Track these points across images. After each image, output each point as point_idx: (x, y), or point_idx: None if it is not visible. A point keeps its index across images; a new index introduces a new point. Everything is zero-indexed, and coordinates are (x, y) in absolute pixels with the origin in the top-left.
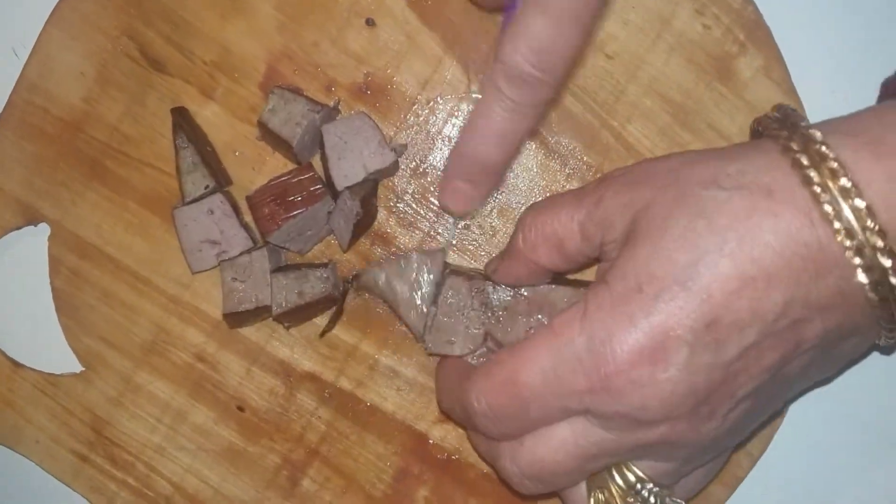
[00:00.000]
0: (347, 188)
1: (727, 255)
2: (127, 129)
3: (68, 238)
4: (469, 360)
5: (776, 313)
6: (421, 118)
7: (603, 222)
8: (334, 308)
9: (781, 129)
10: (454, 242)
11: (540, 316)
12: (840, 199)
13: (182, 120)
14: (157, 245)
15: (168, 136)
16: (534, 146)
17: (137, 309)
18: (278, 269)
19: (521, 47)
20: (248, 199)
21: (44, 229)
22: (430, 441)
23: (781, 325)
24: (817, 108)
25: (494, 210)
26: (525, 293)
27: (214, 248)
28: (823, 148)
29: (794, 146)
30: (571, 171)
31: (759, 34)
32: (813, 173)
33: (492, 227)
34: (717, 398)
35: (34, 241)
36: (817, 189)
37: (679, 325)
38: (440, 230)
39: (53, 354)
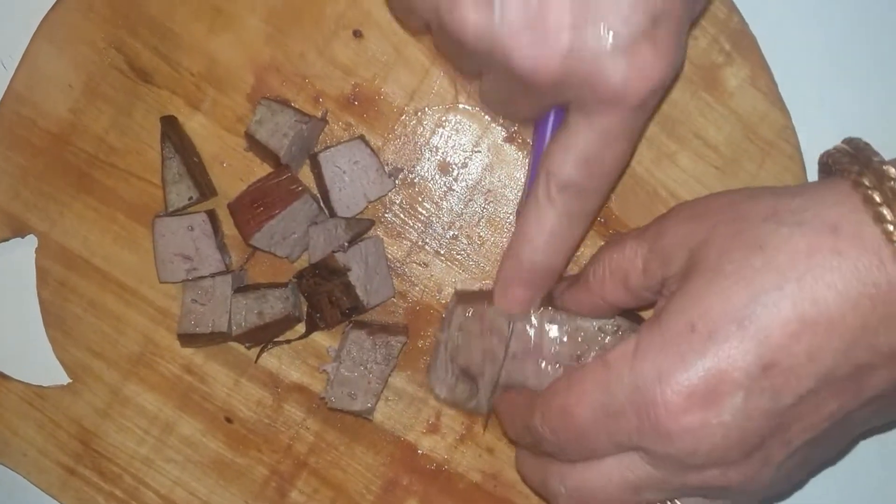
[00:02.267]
0: (345, 219)
1: (787, 296)
2: (114, 141)
3: (56, 249)
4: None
5: (838, 359)
6: (409, 129)
7: (663, 256)
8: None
9: (853, 163)
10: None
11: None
12: None
13: (170, 129)
14: (145, 256)
15: (155, 147)
16: (521, 156)
17: (125, 320)
18: (238, 290)
19: (570, 159)
20: (229, 206)
21: (31, 241)
22: (420, 451)
23: (843, 372)
24: (804, 117)
25: (483, 220)
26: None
27: (186, 263)
28: None
29: (867, 182)
30: None
31: (744, 43)
32: (886, 211)
33: (480, 237)
34: (772, 446)
35: (21, 253)
36: (890, 227)
37: (734, 367)
38: (428, 240)
39: (41, 366)
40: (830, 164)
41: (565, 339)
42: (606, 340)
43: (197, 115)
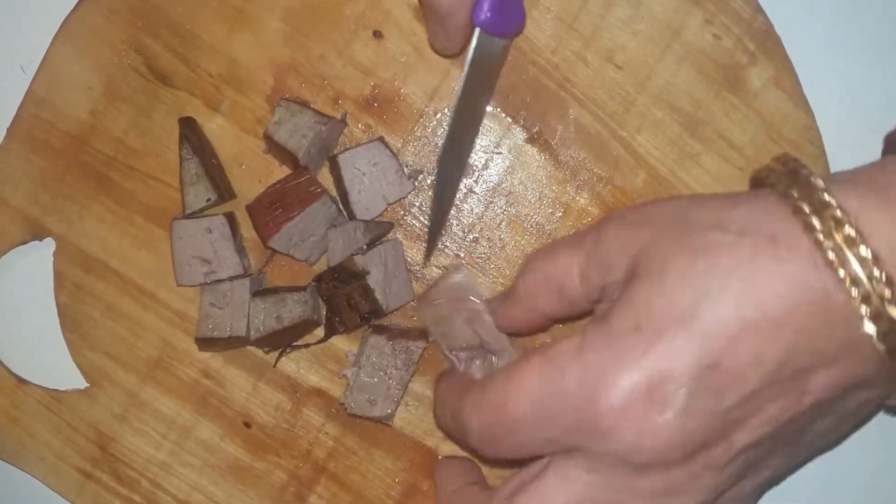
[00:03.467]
0: (364, 221)
1: (731, 298)
2: (133, 143)
3: (73, 253)
4: (472, 372)
5: (779, 360)
6: (429, 130)
7: (602, 264)
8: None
9: (782, 176)
10: None
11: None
12: (844, 248)
13: (189, 131)
14: (163, 259)
15: (174, 149)
16: (543, 158)
17: (143, 323)
18: (257, 293)
19: None
20: (247, 207)
21: (49, 244)
22: (440, 457)
23: (784, 373)
24: (828, 117)
25: (503, 223)
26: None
27: (204, 266)
28: (826, 196)
29: (795, 193)
30: (581, 183)
31: (769, 44)
32: (815, 220)
33: (501, 239)
34: (715, 448)
35: (39, 256)
36: (820, 237)
37: (677, 366)
38: (448, 243)
39: (58, 370)
40: (762, 179)
41: None
42: None
43: (216, 117)
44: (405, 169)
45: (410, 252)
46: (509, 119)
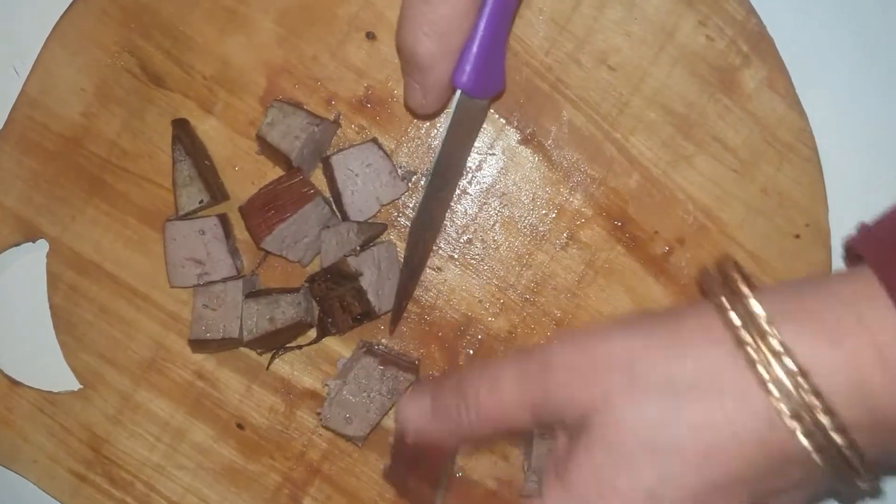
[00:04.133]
0: (357, 223)
1: (689, 470)
2: (126, 144)
3: (67, 254)
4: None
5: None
6: (422, 131)
7: (554, 414)
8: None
9: (721, 291)
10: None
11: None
12: (772, 359)
13: (181, 132)
14: (157, 261)
15: (167, 151)
16: (537, 159)
17: (136, 325)
18: (250, 295)
19: None
20: (240, 209)
21: (42, 245)
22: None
23: None
24: (821, 119)
25: (497, 224)
26: None
27: (197, 267)
28: (760, 318)
29: (735, 320)
30: (574, 184)
31: (762, 46)
32: (745, 334)
33: (494, 241)
34: None
35: (33, 258)
36: (761, 369)
37: None
38: (442, 244)
39: (51, 372)
40: (704, 290)
41: None
42: None
43: (209, 119)
44: (399, 170)
45: (404, 253)
46: (503, 120)
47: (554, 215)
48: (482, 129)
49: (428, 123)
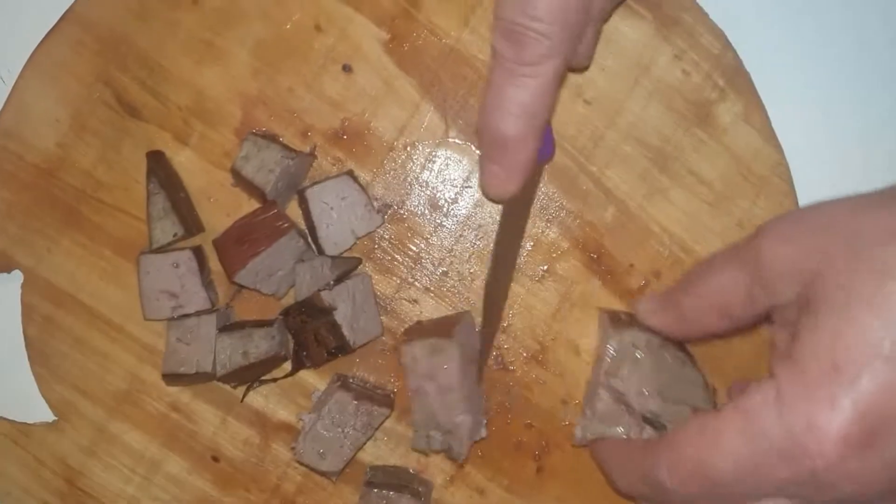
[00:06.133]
0: (331, 257)
1: None
2: (102, 176)
3: (42, 286)
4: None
5: None
6: (398, 164)
7: (769, 287)
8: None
9: None
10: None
11: None
12: None
13: (156, 165)
14: (132, 293)
15: (143, 182)
16: None
17: (111, 357)
18: (224, 329)
19: None
20: (214, 242)
21: (17, 276)
22: None
23: None
24: (797, 153)
25: (473, 256)
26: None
27: (171, 300)
28: None
29: None
30: (551, 217)
31: (738, 80)
32: None
33: (470, 273)
34: None
35: (7, 289)
36: None
37: (888, 405)
38: (418, 276)
39: (26, 404)
40: None
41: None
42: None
43: (185, 150)
44: (374, 203)
45: (380, 286)
46: (479, 153)
47: (530, 247)
48: (458, 162)
49: (404, 155)
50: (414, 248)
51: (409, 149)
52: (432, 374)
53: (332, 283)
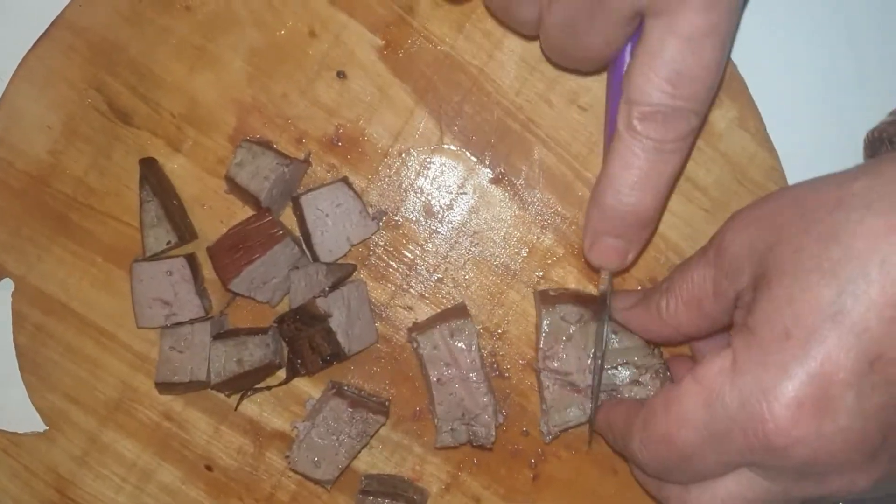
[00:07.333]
0: (326, 264)
1: (874, 281)
2: (93, 183)
3: (33, 294)
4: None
5: None
6: (393, 170)
7: (731, 272)
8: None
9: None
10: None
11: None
12: None
13: (149, 172)
14: (123, 300)
15: (134, 189)
16: (508, 198)
17: (103, 365)
18: (218, 336)
19: (653, 78)
20: (208, 249)
21: (7, 284)
22: None
23: None
24: (793, 158)
25: (468, 263)
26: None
27: (165, 308)
28: None
29: None
30: (546, 223)
31: (733, 85)
32: None
33: (465, 279)
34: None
35: None
36: None
37: (839, 368)
38: (413, 283)
39: (16, 413)
40: (881, 138)
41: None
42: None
43: (177, 157)
44: (369, 209)
45: (375, 293)
46: (474, 159)
47: (525, 254)
48: (453, 168)
49: (399, 162)
50: (409, 255)
51: (403, 155)
52: (454, 360)
53: (326, 290)
